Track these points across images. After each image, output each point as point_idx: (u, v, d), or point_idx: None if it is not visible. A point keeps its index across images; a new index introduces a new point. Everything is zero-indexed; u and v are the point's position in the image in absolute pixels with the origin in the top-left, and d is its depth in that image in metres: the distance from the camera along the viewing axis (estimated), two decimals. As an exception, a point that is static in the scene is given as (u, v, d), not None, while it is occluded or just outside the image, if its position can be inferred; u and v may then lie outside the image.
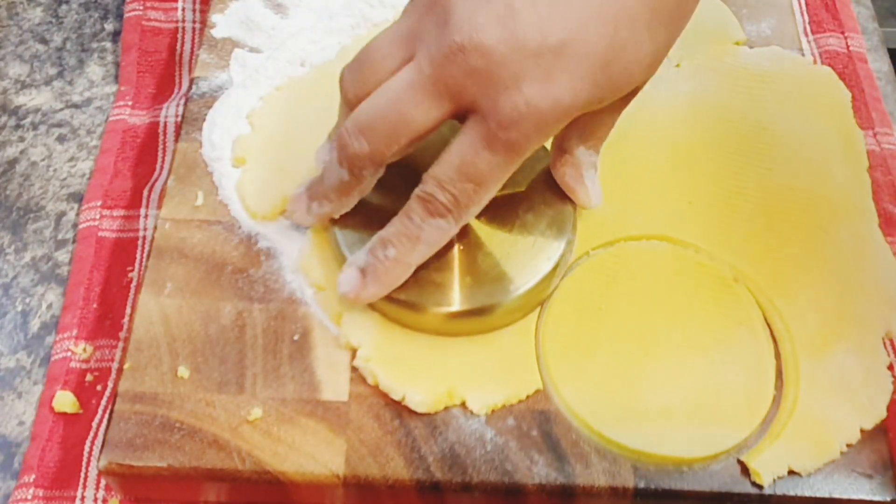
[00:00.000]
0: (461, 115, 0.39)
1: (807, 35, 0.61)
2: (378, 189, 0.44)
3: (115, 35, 0.62)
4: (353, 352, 0.44)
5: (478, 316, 0.44)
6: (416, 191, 0.41)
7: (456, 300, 0.44)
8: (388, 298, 0.44)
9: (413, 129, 0.39)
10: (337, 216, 0.45)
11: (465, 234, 0.45)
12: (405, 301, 0.44)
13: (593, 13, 0.37)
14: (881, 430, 0.43)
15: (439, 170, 0.40)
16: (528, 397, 0.43)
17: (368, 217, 0.45)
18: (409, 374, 0.43)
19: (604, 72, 0.38)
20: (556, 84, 0.38)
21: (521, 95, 0.37)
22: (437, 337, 0.44)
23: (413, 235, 0.41)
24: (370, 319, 0.45)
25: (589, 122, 0.43)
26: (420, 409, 0.42)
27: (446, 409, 0.42)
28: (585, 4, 0.37)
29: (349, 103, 0.42)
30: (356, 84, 0.41)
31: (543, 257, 0.45)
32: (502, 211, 0.46)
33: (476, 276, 0.44)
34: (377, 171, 0.42)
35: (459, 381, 0.43)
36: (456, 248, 0.45)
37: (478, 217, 0.45)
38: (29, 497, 0.44)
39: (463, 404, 0.42)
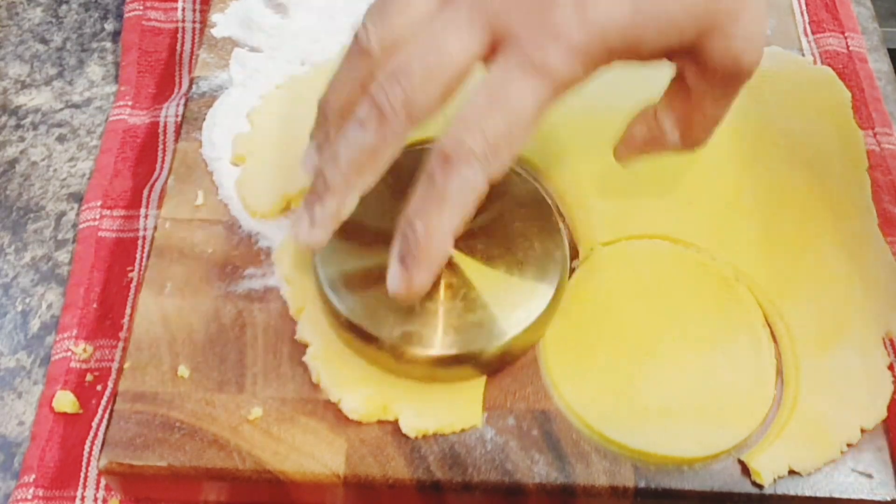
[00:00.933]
0: (494, 54, 0.38)
1: (807, 35, 0.61)
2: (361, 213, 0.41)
3: (115, 35, 0.62)
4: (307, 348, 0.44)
5: (462, 364, 0.42)
6: (436, 145, 0.37)
7: (438, 344, 0.42)
8: (369, 341, 0.42)
9: (450, 66, 0.37)
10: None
11: (452, 274, 0.44)
12: (387, 344, 0.42)
13: None
14: (881, 429, 0.43)
15: (466, 111, 0.37)
16: (462, 430, 0.42)
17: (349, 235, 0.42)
18: (350, 379, 0.43)
19: None
20: (592, 4, 0.36)
21: (556, 14, 0.36)
22: None
23: (437, 196, 0.37)
24: (328, 319, 0.44)
25: (678, 97, 0.42)
26: (352, 416, 0.42)
27: (379, 422, 0.42)
28: None
29: (366, 52, 0.39)
30: (383, 27, 0.39)
31: (533, 303, 0.44)
32: (491, 252, 0.45)
33: (461, 321, 0.43)
34: (409, 128, 0.38)
35: (397, 398, 0.42)
36: (441, 291, 0.43)
37: (465, 254, 0.44)
38: (29, 497, 0.44)
39: (396, 421, 0.42)
